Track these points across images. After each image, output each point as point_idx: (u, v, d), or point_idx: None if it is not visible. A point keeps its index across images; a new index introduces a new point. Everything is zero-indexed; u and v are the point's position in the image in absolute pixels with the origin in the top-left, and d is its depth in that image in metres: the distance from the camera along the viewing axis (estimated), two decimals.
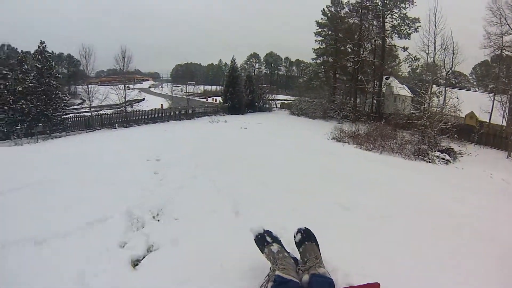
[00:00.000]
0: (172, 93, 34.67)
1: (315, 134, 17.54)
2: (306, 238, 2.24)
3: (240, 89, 28.60)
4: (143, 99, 42.58)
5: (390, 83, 30.99)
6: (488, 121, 22.78)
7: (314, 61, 33.55)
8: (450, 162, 14.00)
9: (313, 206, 4.11)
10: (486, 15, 21.69)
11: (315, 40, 32.01)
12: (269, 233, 2.31)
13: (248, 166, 7.10)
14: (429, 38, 21.07)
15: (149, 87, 61.18)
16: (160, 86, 56.33)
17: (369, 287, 1.82)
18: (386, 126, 17.82)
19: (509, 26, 21.16)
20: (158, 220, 3.73)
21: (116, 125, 18.32)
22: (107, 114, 19.35)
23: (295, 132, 17.76)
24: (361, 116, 23.73)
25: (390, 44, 28.27)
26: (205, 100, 44.33)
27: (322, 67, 33.00)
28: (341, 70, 31.37)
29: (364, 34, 27.89)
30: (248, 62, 65.68)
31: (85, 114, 18.93)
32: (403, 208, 4.71)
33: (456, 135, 17.38)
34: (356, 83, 28.26)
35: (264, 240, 2.25)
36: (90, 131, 16.97)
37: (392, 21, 27.73)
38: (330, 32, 30.63)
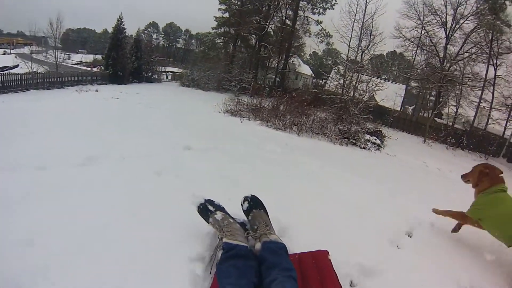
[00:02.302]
0: (57, 61, 26.72)
1: (204, 106, 11.99)
2: (253, 205, 1.98)
3: (125, 55, 22.03)
4: (17, 66, 31.01)
5: (293, 61, 27.16)
6: (395, 107, 20.69)
7: (214, 30, 27.33)
8: (381, 147, 9.76)
9: None
10: (401, 7, 20.08)
11: (219, 9, 25.82)
12: (210, 202, 1.96)
13: None
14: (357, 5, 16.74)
15: (31, 53, 47.15)
16: (45, 53, 44.59)
17: (318, 253, 1.83)
18: (294, 102, 12.82)
19: (421, 21, 19.90)
20: None
21: None
22: None
23: (179, 104, 12.46)
24: (263, 89, 18.23)
25: (302, 15, 23.33)
26: (89, 68, 34.81)
27: (222, 37, 27.03)
28: (242, 43, 25.92)
29: (274, 3, 22.39)
30: (145, 32, 54.70)
31: None
32: None
33: (371, 116, 13.80)
34: (258, 55, 22.97)
35: (206, 209, 1.91)
36: None
37: None
38: (236, 1, 24.79)
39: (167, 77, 29.17)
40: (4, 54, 33.14)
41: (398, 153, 10.05)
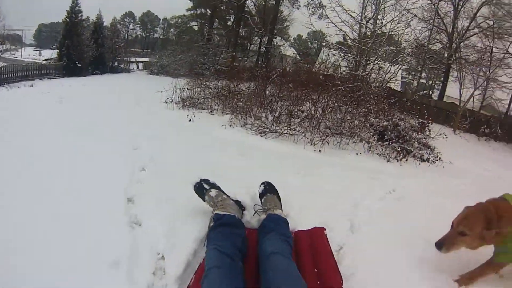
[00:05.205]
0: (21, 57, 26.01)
1: (145, 96, 7.92)
2: (268, 190, 1.98)
3: (82, 42, 17.60)
4: None
5: (277, 42, 22.66)
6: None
7: (189, 12, 22.51)
8: (433, 151, 5.57)
9: None
10: None
11: None
12: (206, 181, 1.93)
13: None
14: None
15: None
16: (15, 51, 40.27)
17: (315, 230, 1.74)
18: (288, 81, 8.06)
19: None
20: None
21: None
22: None
23: (114, 95, 8.83)
24: (243, 71, 12.44)
25: None
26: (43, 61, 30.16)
27: (198, 20, 22.34)
28: (220, 24, 21.52)
29: None
30: (121, 22, 47.91)
31: None
32: None
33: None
34: (237, 32, 18.46)
35: (202, 188, 1.89)
36: None
37: None
38: None
39: (137, 67, 24.42)
40: None
41: (445, 154, 5.85)
